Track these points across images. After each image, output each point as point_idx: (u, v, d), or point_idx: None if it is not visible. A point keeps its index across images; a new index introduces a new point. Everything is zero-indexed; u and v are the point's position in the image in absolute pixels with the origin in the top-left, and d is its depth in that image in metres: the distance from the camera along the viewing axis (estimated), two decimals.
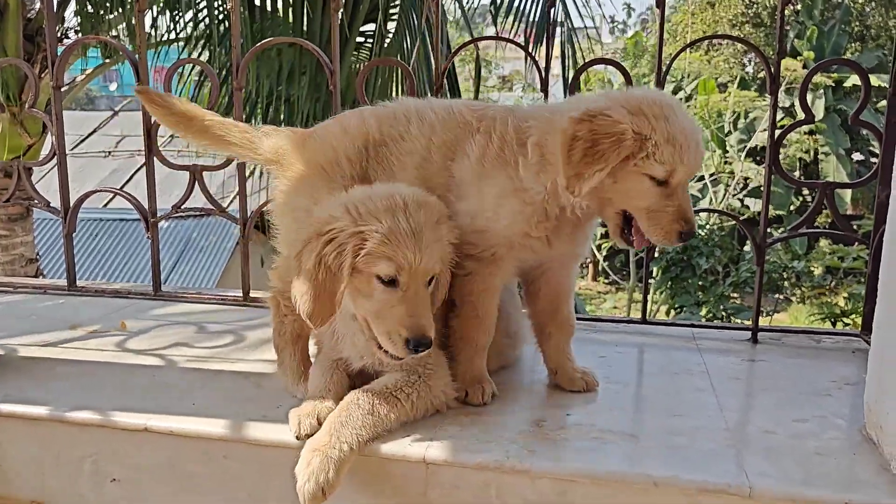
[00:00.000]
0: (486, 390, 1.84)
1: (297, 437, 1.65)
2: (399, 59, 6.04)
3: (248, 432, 1.71)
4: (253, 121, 6.28)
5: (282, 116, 6.26)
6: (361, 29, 6.54)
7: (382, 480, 1.64)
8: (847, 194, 17.59)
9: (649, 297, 2.65)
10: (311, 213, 1.81)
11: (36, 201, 2.90)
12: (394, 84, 6.17)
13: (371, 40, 6.32)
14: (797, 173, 17.70)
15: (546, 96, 2.58)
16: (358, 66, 6.10)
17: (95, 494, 1.81)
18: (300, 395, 1.86)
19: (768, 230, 2.47)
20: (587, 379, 1.96)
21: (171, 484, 1.76)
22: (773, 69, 2.32)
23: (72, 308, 2.72)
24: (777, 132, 2.36)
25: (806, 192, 17.07)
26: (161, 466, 1.76)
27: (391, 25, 6.39)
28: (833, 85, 18.28)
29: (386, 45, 6.17)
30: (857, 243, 13.69)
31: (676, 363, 2.20)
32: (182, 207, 2.72)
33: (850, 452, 1.64)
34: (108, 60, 7.42)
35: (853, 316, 11.45)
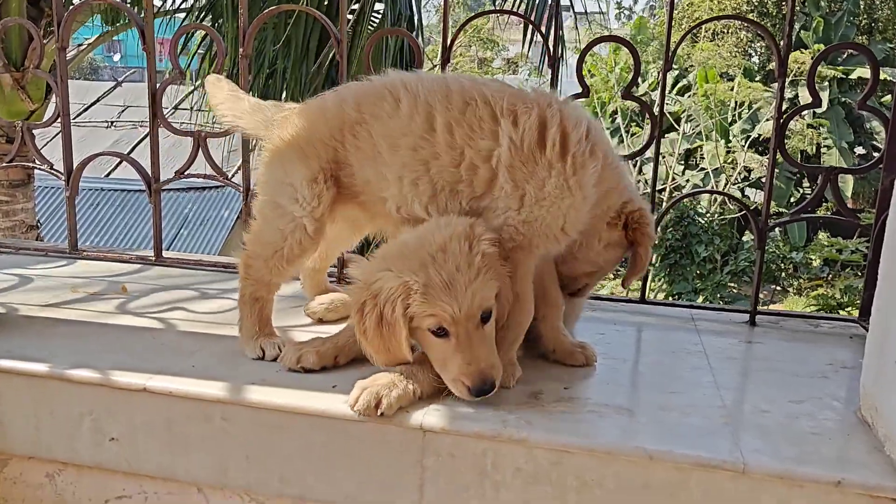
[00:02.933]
0: (516, 374, 1.83)
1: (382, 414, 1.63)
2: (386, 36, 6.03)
3: (247, 395, 1.72)
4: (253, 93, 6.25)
5: (275, 87, 6.24)
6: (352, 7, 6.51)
7: (379, 446, 1.65)
8: (848, 188, 17.58)
9: (648, 285, 2.65)
10: (284, 184, 1.88)
11: (38, 163, 2.89)
12: (387, 59, 6.13)
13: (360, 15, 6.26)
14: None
15: (554, 76, 2.57)
16: (353, 41, 6.04)
17: (93, 452, 1.82)
18: (251, 355, 1.92)
19: (771, 219, 2.47)
20: (586, 353, 1.96)
21: (168, 444, 1.78)
22: (781, 54, 2.31)
23: (73, 271, 2.72)
24: (783, 118, 2.36)
25: (806, 184, 17.06)
26: (159, 427, 1.77)
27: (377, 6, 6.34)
28: (838, 77, 18.21)
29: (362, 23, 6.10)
30: (855, 236, 13.69)
31: (674, 342, 2.21)
32: (185, 173, 2.72)
33: (845, 433, 1.66)
34: (111, 29, 7.37)
35: (849, 308, 11.48)
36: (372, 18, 6.30)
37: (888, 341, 1.65)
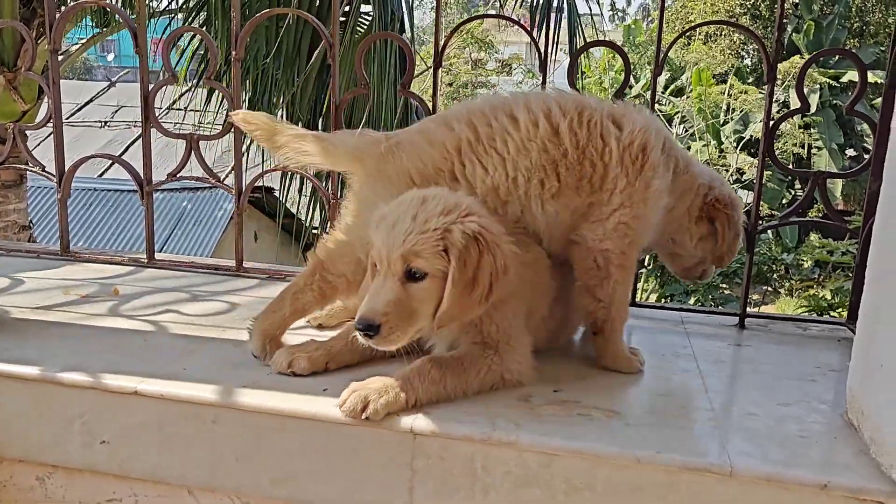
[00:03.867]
0: (641, 359, 2.02)
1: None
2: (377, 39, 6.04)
3: (238, 398, 1.73)
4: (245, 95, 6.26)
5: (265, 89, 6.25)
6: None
7: (369, 449, 1.66)
8: (838, 189, 17.68)
9: (639, 286, 2.67)
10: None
11: (30, 165, 2.89)
12: (376, 61, 6.14)
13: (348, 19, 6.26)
14: (790, 167, 17.76)
15: (544, 79, 2.58)
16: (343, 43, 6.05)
17: (84, 454, 1.82)
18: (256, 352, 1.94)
19: (761, 222, 2.49)
20: (639, 359, 2.04)
21: (159, 447, 1.78)
22: (771, 58, 2.33)
23: (64, 273, 2.72)
24: (772, 122, 2.38)
25: (798, 186, 17.14)
26: (150, 429, 1.78)
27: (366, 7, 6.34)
28: (829, 81, 18.31)
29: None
30: (846, 238, 13.77)
31: (664, 345, 2.23)
32: (178, 176, 2.72)
33: (831, 436, 1.67)
34: (105, 29, 7.35)
35: (839, 309, 11.53)
36: (362, 20, 6.31)
37: (874, 345, 1.67)
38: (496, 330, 1.81)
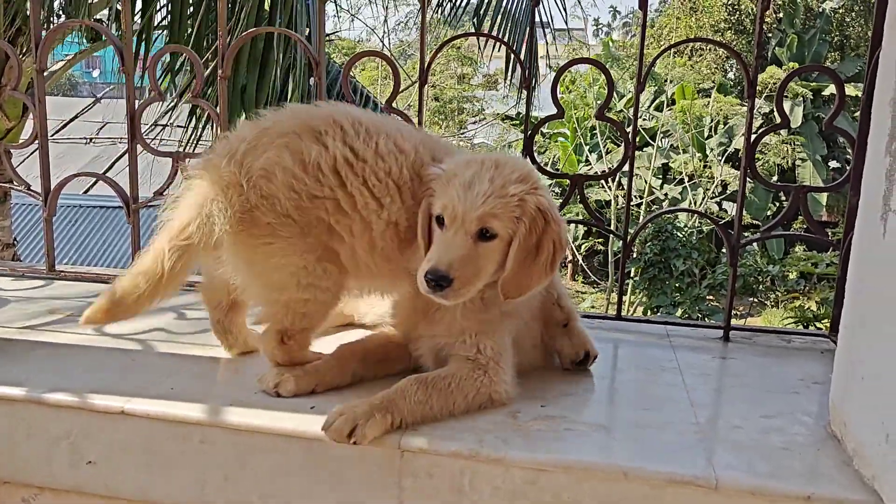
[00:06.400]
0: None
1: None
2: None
3: (226, 417, 1.73)
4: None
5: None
6: None
7: (357, 467, 1.66)
8: (823, 199, 17.87)
9: (626, 298, 2.69)
10: None
11: (15, 184, 2.88)
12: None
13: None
14: (775, 178, 17.94)
15: (529, 93, 2.61)
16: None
17: (70, 475, 1.81)
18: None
19: (745, 234, 2.52)
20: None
21: (146, 466, 1.77)
22: (751, 74, 2.37)
23: (50, 292, 2.70)
24: (753, 137, 2.42)
25: (783, 198, 17.30)
26: (137, 449, 1.77)
27: None
28: (812, 94, 18.55)
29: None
30: (830, 249, 13.87)
31: (649, 359, 2.24)
32: (164, 194, 2.72)
33: (815, 448, 1.69)
34: (90, 46, 7.35)
35: (825, 320, 11.63)
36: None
37: (855, 357, 1.69)
38: (491, 348, 1.82)
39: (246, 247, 1.77)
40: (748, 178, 2.43)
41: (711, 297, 15.70)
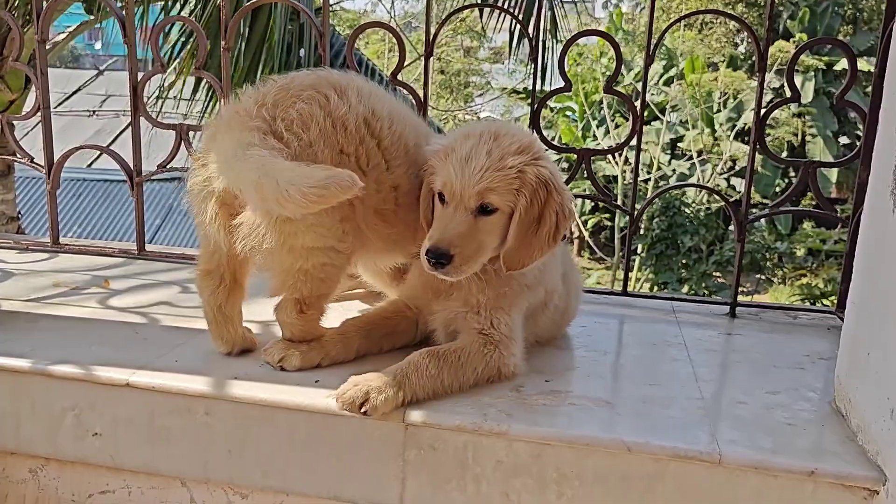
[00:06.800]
0: None
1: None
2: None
3: (230, 389, 1.73)
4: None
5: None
6: None
7: (361, 440, 1.67)
8: (833, 176, 17.73)
9: (632, 274, 2.68)
10: None
11: (18, 156, 2.87)
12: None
13: None
14: (784, 154, 17.80)
15: (535, 66, 2.57)
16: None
17: (76, 447, 1.83)
18: None
19: (753, 210, 2.50)
20: None
21: (151, 438, 1.78)
22: (761, 47, 2.33)
23: (54, 265, 2.71)
24: (763, 111, 2.38)
25: (792, 174, 17.18)
26: (142, 421, 1.78)
27: None
28: (823, 68, 18.32)
29: None
30: (839, 226, 13.81)
31: (655, 334, 2.24)
32: (168, 167, 2.71)
33: (819, 424, 1.69)
34: (92, 17, 7.28)
35: (832, 297, 11.63)
36: None
37: (861, 334, 1.68)
38: (505, 324, 1.81)
39: None
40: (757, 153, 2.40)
41: (718, 274, 15.66)
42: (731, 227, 16.60)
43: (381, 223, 1.83)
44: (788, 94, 2.51)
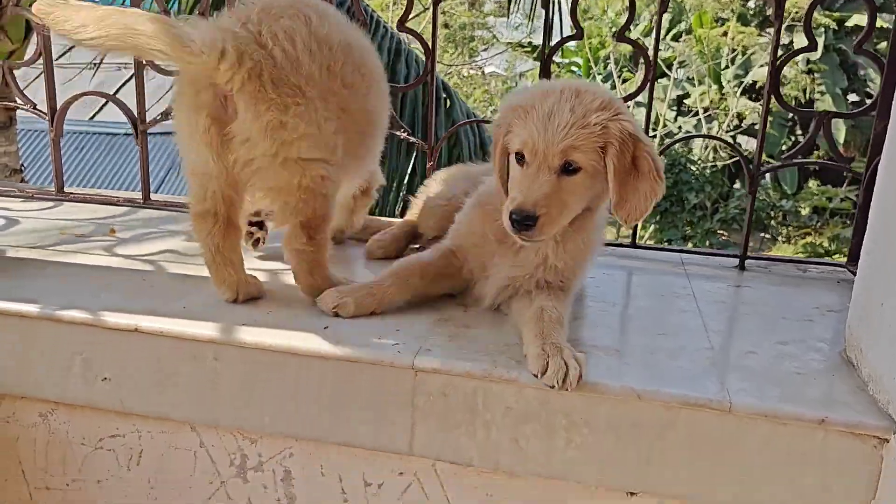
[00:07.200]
0: None
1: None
2: None
3: (238, 335, 1.72)
4: None
5: None
6: None
7: (370, 386, 1.67)
8: (841, 135, 17.54)
9: (638, 231, 2.65)
10: None
11: (20, 102, 2.83)
12: None
13: None
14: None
15: (546, 15, 2.52)
16: None
17: (85, 391, 1.83)
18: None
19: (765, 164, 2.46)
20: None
21: (160, 384, 1.79)
22: None
23: (60, 214, 2.69)
24: (778, 62, 2.33)
25: (799, 132, 17.00)
26: (151, 367, 1.78)
27: None
28: (835, 27, 17.99)
29: None
30: (845, 185, 13.73)
31: (664, 286, 2.23)
32: (172, 115, 2.66)
33: (829, 374, 1.68)
34: None
35: (837, 255, 11.62)
36: None
37: (875, 283, 1.67)
38: (576, 278, 1.86)
39: (278, 108, 1.68)
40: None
41: (723, 232, 15.62)
42: (737, 185, 16.52)
43: (359, 146, 1.90)
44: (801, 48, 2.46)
